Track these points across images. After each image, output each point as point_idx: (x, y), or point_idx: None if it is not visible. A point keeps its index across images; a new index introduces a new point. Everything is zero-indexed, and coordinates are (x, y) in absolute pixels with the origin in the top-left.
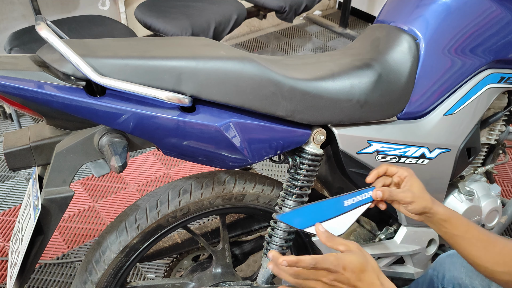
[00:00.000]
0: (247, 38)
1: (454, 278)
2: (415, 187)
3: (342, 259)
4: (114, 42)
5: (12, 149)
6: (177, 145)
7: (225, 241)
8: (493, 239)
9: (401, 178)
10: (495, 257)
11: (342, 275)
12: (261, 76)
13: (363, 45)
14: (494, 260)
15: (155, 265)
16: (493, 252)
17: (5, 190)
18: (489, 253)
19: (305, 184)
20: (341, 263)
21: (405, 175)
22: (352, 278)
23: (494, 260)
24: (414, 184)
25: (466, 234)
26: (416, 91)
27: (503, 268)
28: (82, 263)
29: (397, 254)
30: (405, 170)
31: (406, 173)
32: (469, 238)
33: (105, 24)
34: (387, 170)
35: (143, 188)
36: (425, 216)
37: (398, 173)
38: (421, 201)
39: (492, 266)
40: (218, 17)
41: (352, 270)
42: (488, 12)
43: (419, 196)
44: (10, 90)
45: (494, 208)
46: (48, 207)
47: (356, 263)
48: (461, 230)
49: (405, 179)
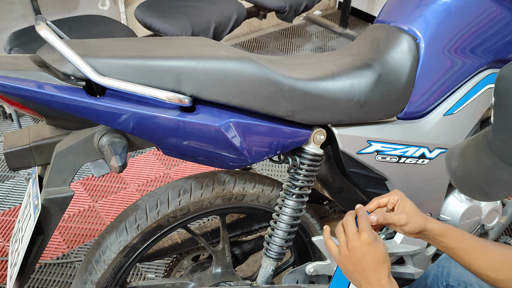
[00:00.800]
0: (247, 38)
1: (460, 275)
2: (407, 208)
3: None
4: (114, 42)
5: (12, 149)
6: (177, 145)
7: (225, 241)
8: (490, 247)
9: (393, 204)
10: (495, 265)
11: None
12: (261, 76)
13: (363, 45)
14: (495, 267)
15: (155, 265)
16: (493, 260)
17: (5, 190)
18: (489, 261)
19: (305, 184)
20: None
21: (396, 199)
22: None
23: (495, 268)
24: (406, 205)
25: (463, 246)
26: (416, 91)
27: (506, 276)
28: (82, 263)
29: (397, 254)
30: (395, 194)
31: (397, 196)
32: (466, 249)
33: (105, 24)
34: (379, 204)
35: (143, 188)
36: (422, 234)
37: (390, 200)
38: (415, 220)
39: (494, 274)
40: (218, 17)
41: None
42: (488, 12)
43: (413, 216)
44: (10, 90)
45: (494, 208)
46: (48, 207)
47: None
48: (457, 242)
49: (397, 202)
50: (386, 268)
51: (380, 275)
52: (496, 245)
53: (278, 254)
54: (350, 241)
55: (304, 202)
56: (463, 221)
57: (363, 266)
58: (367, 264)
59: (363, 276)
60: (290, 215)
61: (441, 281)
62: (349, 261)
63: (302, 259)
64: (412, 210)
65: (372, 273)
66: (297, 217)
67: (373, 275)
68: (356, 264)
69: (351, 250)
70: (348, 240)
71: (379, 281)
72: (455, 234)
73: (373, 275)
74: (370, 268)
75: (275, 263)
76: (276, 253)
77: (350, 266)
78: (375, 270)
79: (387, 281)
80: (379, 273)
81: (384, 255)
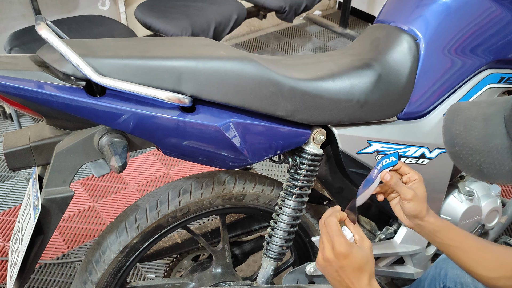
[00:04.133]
0: (247, 38)
1: (457, 276)
2: (419, 191)
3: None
4: (114, 42)
5: (12, 149)
6: (177, 145)
7: (225, 241)
8: (489, 247)
9: (410, 180)
10: (492, 265)
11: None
12: (261, 76)
13: (363, 45)
14: (491, 267)
15: (155, 265)
16: (490, 260)
17: (5, 190)
18: (486, 261)
19: (305, 184)
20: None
21: (415, 178)
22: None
23: (491, 268)
24: (419, 188)
25: (461, 244)
26: (416, 91)
27: (498, 274)
28: (82, 263)
29: (397, 254)
30: (416, 174)
31: (417, 177)
32: (464, 248)
33: (105, 24)
34: (400, 168)
35: (143, 188)
36: (416, 224)
37: (409, 175)
38: (419, 204)
39: (489, 274)
40: (218, 17)
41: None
42: (488, 12)
43: (419, 200)
44: (10, 90)
45: (494, 208)
46: (48, 207)
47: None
48: (456, 240)
49: (414, 181)
50: (366, 275)
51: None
52: (494, 245)
53: (278, 254)
54: (325, 252)
55: (304, 202)
56: (463, 221)
57: (342, 276)
58: (345, 274)
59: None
60: (290, 215)
61: (439, 283)
62: (327, 270)
63: (302, 259)
64: (421, 195)
65: (352, 284)
66: (297, 217)
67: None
68: (333, 275)
69: (327, 261)
70: (324, 250)
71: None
72: (455, 232)
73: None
74: (349, 278)
75: (275, 263)
76: (276, 253)
77: (328, 276)
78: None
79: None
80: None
81: (362, 262)
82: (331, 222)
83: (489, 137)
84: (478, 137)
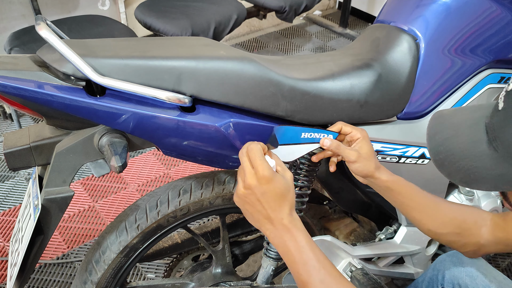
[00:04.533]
0: (247, 38)
1: (455, 278)
2: (364, 149)
3: (275, 173)
4: (114, 42)
5: (12, 149)
6: (177, 145)
7: (225, 241)
8: (440, 203)
9: (353, 139)
10: (441, 221)
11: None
12: (261, 76)
13: (363, 45)
14: (439, 222)
15: (155, 265)
16: (440, 216)
17: (5, 190)
18: (436, 217)
19: (305, 184)
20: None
21: (358, 136)
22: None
23: (439, 223)
24: (364, 146)
25: (412, 201)
26: (416, 91)
27: (448, 230)
28: (82, 263)
29: (397, 254)
30: (359, 132)
31: (359, 135)
32: (415, 204)
33: (105, 24)
34: (341, 129)
35: (143, 188)
36: (369, 180)
37: (351, 134)
38: (365, 163)
39: (436, 229)
40: (218, 17)
41: (275, 188)
42: (488, 12)
43: (365, 159)
44: (10, 90)
45: (494, 208)
46: (48, 207)
47: (282, 186)
48: (407, 197)
49: (357, 140)
50: (288, 204)
51: (281, 213)
52: (445, 202)
53: (278, 254)
54: (247, 179)
55: (304, 202)
56: None
57: (263, 205)
58: (267, 201)
59: (264, 215)
60: None
61: (437, 285)
62: (247, 199)
63: None
64: (367, 154)
65: (273, 212)
66: None
67: (274, 214)
68: (254, 204)
69: (248, 188)
70: (246, 178)
71: (280, 220)
72: (405, 189)
73: (273, 214)
74: (271, 207)
75: (275, 263)
76: (276, 253)
77: (248, 206)
78: (275, 208)
79: (288, 220)
80: (280, 211)
81: (284, 189)
82: (254, 148)
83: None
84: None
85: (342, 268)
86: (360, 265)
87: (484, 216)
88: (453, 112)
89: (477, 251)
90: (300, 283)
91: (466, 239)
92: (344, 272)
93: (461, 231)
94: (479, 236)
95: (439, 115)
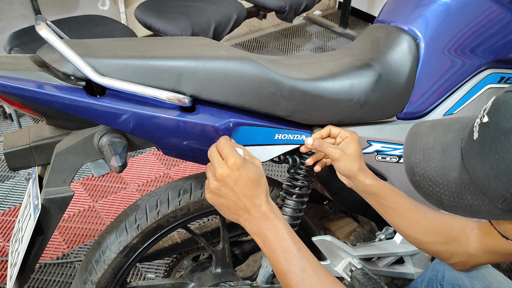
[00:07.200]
0: (247, 38)
1: (454, 278)
2: (350, 149)
3: (244, 160)
4: (114, 42)
5: (12, 149)
6: (177, 145)
7: (225, 241)
8: (424, 211)
9: (342, 139)
10: (426, 229)
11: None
12: (261, 76)
13: (363, 45)
14: (424, 231)
15: (155, 265)
16: (424, 223)
17: (5, 190)
18: (420, 224)
19: (305, 184)
20: (242, 161)
21: (346, 135)
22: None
23: (423, 231)
24: (350, 146)
25: (395, 205)
26: (416, 91)
27: (434, 238)
28: (82, 263)
29: (397, 254)
30: (348, 132)
31: (348, 134)
32: (398, 209)
33: (105, 24)
34: (330, 131)
35: (143, 188)
36: (353, 182)
37: (340, 134)
38: (349, 163)
39: (421, 237)
40: (218, 17)
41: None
42: (488, 12)
43: (350, 158)
44: (10, 90)
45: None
46: (48, 207)
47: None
48: (390, 201)
49: (345, 139)
50: (263, 190)
51: (258, 200)
52: (429, 210)
53: None
54: (217, 170)
55: (304, 202)
56: None
57: (238, 195)
58: (241, 191)
59: (240, 206)
60: (290, 215)
61: (436, 285)
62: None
63: None
64: (352, 153)
65: (249, 200)
66: (297, 217)
67: (250, 202)
68: (228, 195)
69: (220, 179)
70: (216, 170)
71: (258, 208)
72: (388, 193)
73: (250, 202)
74: (246, 195)
75: None
76: None
77: (222, 199)
78: (251, 196)
79: (267, 207)
80: (257, 198)
81: (257, 175)
82: (221, 141)
83: (447, 170)
84: (436, 168)
85: (342, 268)
86: (360, 265)
87: (471, 224)
88: (428, 131)
89: (466, 262)
90: (280, 273)
91: (454, 249)
92: (344, 272)
93: (448, 240)
94: (467, 245)
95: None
